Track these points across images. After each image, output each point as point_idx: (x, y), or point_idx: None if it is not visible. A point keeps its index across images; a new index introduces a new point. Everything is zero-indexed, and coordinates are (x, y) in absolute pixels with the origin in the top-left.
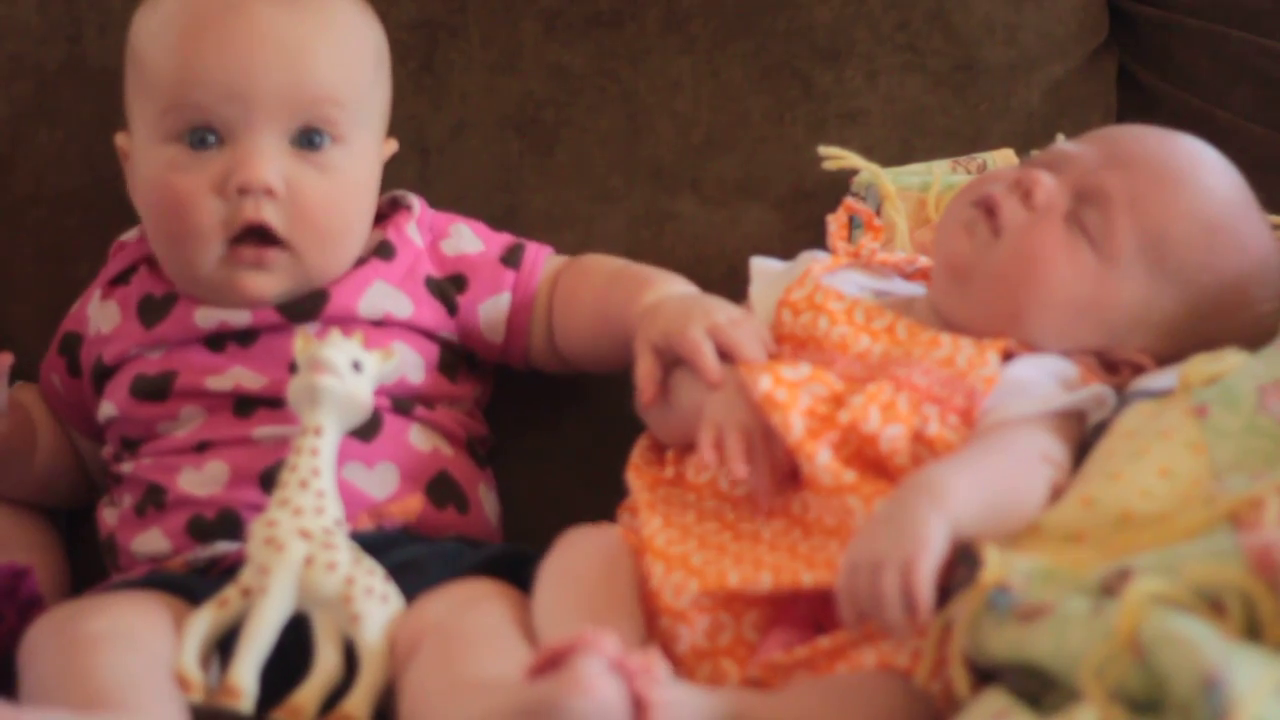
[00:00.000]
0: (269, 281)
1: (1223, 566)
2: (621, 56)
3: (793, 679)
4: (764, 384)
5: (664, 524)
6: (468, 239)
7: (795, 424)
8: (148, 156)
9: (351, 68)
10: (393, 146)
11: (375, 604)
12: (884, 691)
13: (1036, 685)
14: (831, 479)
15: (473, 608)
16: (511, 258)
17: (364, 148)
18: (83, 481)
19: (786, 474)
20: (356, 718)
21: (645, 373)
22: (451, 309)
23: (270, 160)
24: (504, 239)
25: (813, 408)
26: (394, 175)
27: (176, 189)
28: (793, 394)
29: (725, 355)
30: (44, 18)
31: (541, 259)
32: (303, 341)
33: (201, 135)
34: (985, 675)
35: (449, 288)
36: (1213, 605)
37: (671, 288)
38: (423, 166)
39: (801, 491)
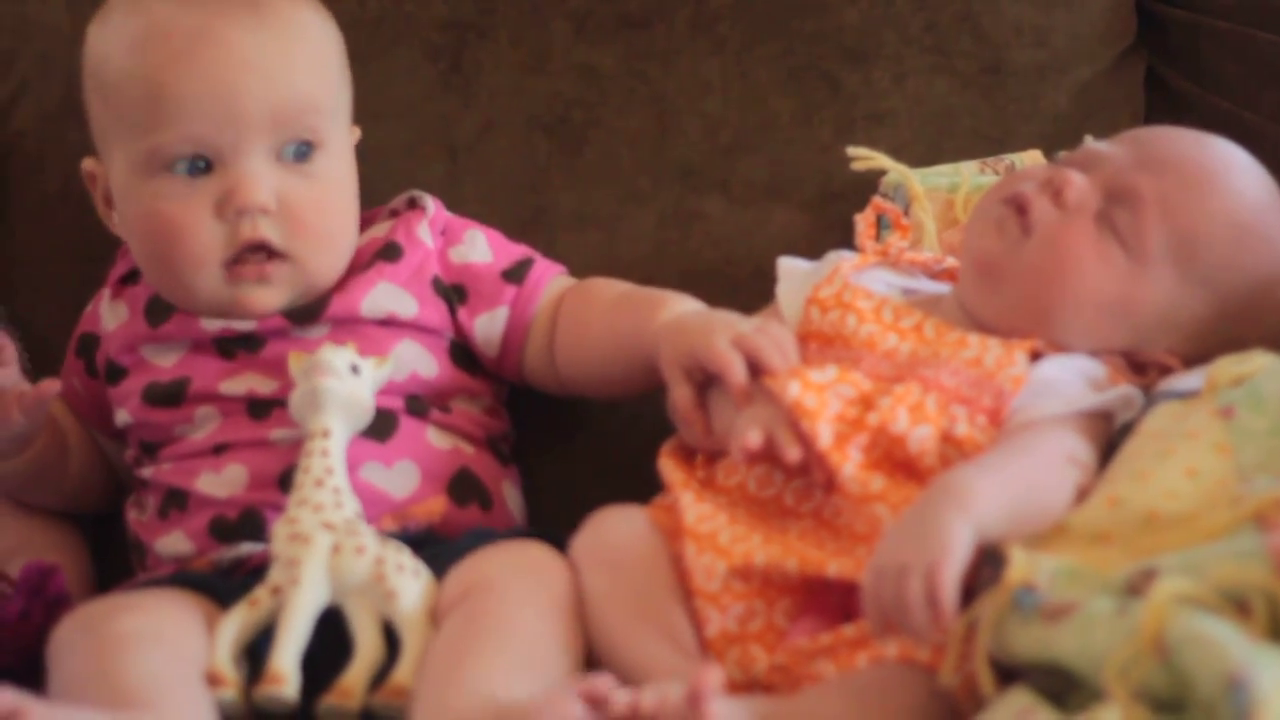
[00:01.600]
0: (272, 294)
1: (1248, 567)
2: (650, 57)
3: (815, 666)
4: (793, 390)
5: (696, 499)
6: (479, 249)
7: (823, 432)
8: (135, 189)
9: (324, 74)
10: (356, 134)
11: (408, 577)
12: (904, 689)
13: (1061, 684)
14: (858, 488)
15: (507, 572)
16: (516, 273)
17: (341, 147)
18: (113, 486)
19: (820, 478)
20: (408, 688)
21: (681, 397)
22: (452, 314)
23: (265, 180)
24: (515, 252)
25: (842, 412)
26: (422, 174)
27: (172, 218)
28: (821, 399)
29: (753, 365)
30: (73, 17)
31: (547, 278)
32: (296, 358)
33: (192, 164)
34: (1009, 674)
35: (452, 295)
36: (1238, 606)
37: (685, 305)
38: (451, 166)
39: (832, 497)
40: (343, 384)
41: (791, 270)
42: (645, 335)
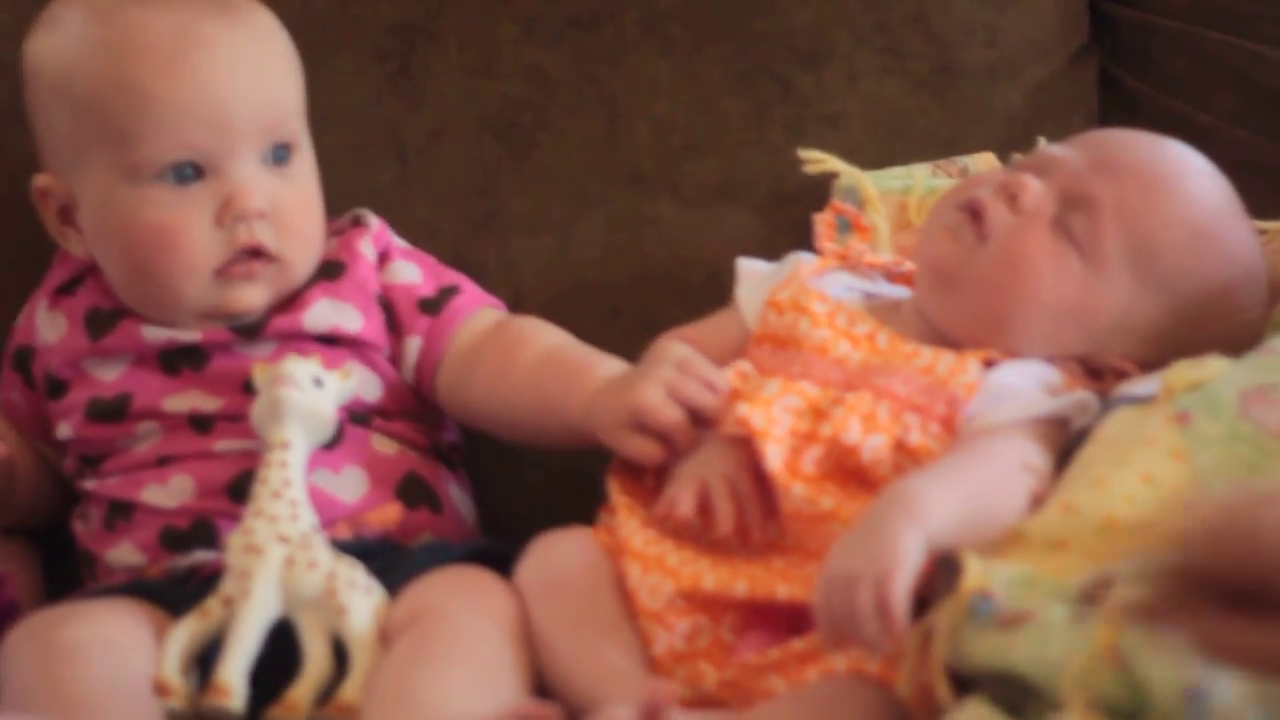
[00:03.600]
0: (258, 292)
1: None
2: (600, 59)
3: (765, 681)
4: (741, 410)
5: (641, 525)
6: (409, 273)
7: (773, 454)
8: (118, 200)
9: (294, 76)
10: None
11: (360, 595)
12: (855, 702)
13: (1017, 694)
14: (809, 508)
15: (455, 599)
16: (435, 303)
17: (309, 148)
18: (61, 498)
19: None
20: (355, 705)
21: (643, 451)
22: (390, 328)
23: (260, 185)
24: (445, 278)
25: (794, 425)
26: (371, 178)
27: (165, 226)
28: (769, 415)
29: (691, 411)
30: (16, 17)
31: (466, 313)
32: (260, 369)
33: (180, 171)
34: (965, 684)
35: (388, 311)
36: None
37: (611, 368)
38: (400, 170)
39: (780, 517)
40: (305, 396)
41: (751, 272)
42: (572, 406)
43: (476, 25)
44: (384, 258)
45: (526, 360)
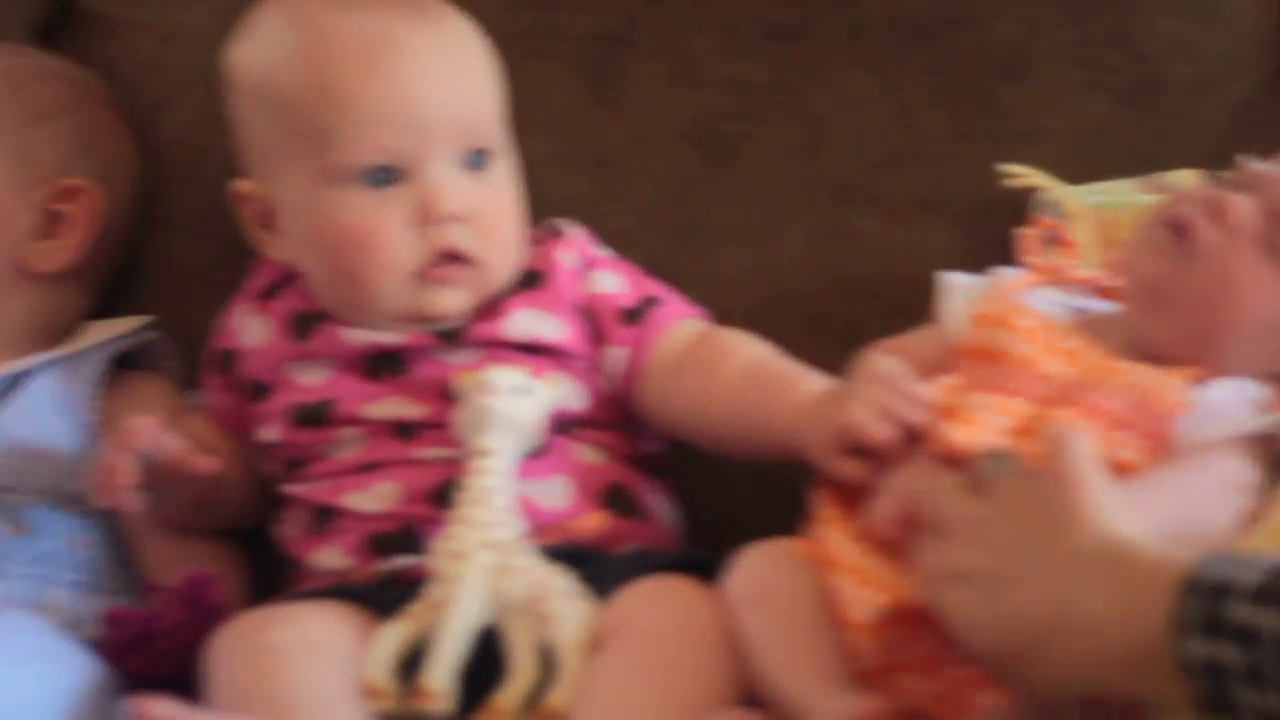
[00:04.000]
0: (457, 297)
1: None
2: (800, 71)
3: (974, 696)
4: (947, 427)
5: (848, 538)
6: (609, 283)
7: None
8: (316, 203)
9: (491, 82)
10: None
11: (568, 602)
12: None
13: None
14: None
15: (661, 609)
16: (637, 312)
17: (509, 155)
18: (267, 502)
19: None
20: (563, 712)
21: (852, 472)
22: (590, 338)
23: (457, 189)
24: (643, 290)
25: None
26: (570, 187)
27: (362, 229)
28: (975, 433)
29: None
30: (220, 25)
31: (667, 324)
32: (464, 376)
33: (377, 175)
34: None
35: (589, 320)
36: None
37: (816, 385)
38: (599, 178)
39: None
40: (508, 404)
41: (954, 286)
42: (777, 419)
43: (675, 35)
44: (586, 266)
45: (730, 374)
